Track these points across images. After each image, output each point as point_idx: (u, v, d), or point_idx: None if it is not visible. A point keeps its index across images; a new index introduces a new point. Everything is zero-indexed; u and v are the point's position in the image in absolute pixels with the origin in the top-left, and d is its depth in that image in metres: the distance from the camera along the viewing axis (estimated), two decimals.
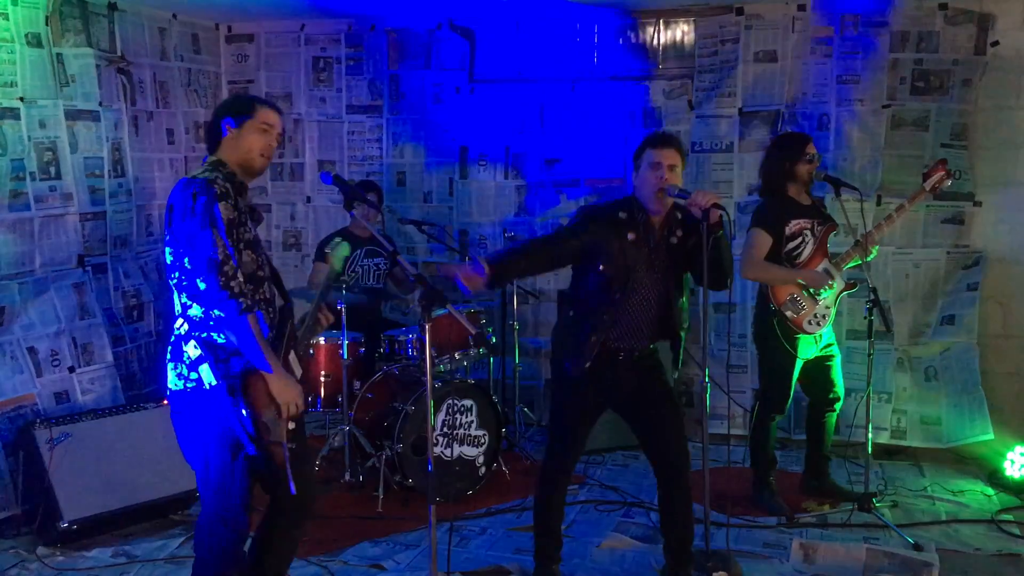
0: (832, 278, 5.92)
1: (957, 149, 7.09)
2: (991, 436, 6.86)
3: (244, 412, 3.82)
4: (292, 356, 4.11)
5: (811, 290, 5.89)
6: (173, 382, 3.98)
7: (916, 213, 6.99)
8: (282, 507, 4.22)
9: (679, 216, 4.83)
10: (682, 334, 4.89)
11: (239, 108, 4.11)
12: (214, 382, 3.85)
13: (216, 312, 3.80)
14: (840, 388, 6.18)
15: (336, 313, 6.16)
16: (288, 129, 8.49)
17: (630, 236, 4.71)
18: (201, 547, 4.05)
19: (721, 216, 4.51)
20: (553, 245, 4.89)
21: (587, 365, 4.74)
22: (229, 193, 3.89)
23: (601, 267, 4.71)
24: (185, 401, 3.95)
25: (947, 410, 7.09)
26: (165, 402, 6.12)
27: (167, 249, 3.96)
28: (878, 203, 7.15)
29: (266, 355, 3.86)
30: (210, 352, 3.87)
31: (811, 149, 5.92)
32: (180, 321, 3.98)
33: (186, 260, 3.86)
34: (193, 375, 3.90)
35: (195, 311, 3.91)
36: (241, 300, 3.80)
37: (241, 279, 3.85)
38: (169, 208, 3.91)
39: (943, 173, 5.98)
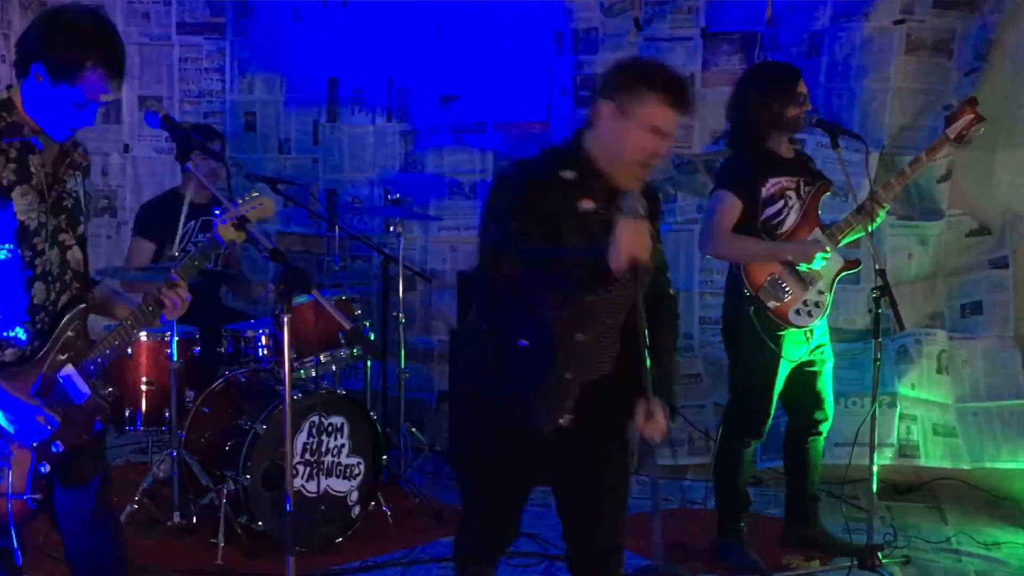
0: (826, 245, 5.86)
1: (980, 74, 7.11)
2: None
3: None
4: (70, 369, 3.97)
5: (800, 267, 5.83)
6: None
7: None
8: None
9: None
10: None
11: (59, 62, 3.87)
12: None
13: None
14: (829, 405, 6.16)
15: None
16: None
17: (584, 205, 4.07)
18: None
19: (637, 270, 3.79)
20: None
21: (561, 421, 4.17)
22: None
23: None
24: None
25: (960, 418, 7.15)
26: None
27: None
28: (881, 155, 7.15)
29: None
30: None
31: (802, 87, 5.87)
32: None
33: None
34: None
35: None
36: None
37: None
38: None
39: (972, 117, 5.92)
